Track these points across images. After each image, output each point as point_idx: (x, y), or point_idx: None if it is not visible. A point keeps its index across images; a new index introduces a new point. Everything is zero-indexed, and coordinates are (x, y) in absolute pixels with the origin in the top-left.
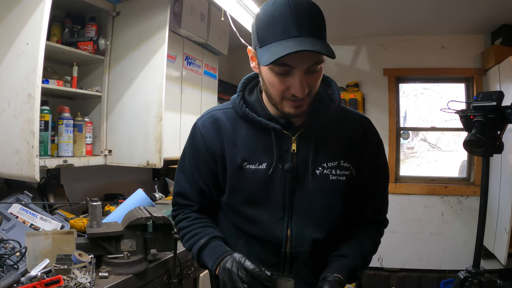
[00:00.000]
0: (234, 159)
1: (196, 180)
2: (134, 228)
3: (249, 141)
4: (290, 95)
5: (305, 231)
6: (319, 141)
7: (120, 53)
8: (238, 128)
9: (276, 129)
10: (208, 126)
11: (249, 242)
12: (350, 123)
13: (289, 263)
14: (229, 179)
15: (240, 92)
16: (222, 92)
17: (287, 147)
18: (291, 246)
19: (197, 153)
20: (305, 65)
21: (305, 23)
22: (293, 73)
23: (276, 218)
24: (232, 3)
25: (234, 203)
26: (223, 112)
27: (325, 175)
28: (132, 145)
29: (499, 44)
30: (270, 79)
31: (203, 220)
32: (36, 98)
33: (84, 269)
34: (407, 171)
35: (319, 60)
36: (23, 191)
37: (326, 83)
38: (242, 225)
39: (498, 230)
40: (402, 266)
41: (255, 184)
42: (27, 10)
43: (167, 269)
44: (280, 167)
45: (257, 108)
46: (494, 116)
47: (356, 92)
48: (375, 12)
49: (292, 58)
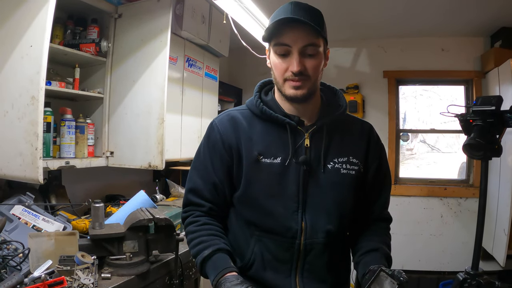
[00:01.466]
0: (250, 152)
1: (210, 175)
2: (136, 229)
3: (264, 136)
4: (290, 74)
5: (319, 223)
6: (330, 138)
7: (122, 55)
8: (254, 125)
9: (291, 125)
10: (225, 123)
11: (262, 239)
12: (356, 127)
13: (303, 256)
14: (245, 171)
15: (257, 93)
16: (222, 93)
17: (301, 142)
18: (305, 238)
19: (213, 148)
20: (299, 43)
21: (301, 11)
22: (291, 53)
23: (290, 211)
24: (234, 6)
25: (249, 196)
26: (239, 112)
27: (336, 169)
28: (134, 147)
29: (499, 47)
30: (274, 61)
31: (211, 227)
32: (40, 100)
33: (87, 270)
34: (406, 172)
35: (313, 42)
36: (25, 192)
37: (332, 93)
38: (256, 219)
39: (497, 232)
40: (402, 267)
41: (270, 177)
42: (30, 12)
43: (169, 270)
44: (294, 161)
45: (273, 107)
46: (493, 120)
47: (356, 94)
48: (376, 15)
49: (288, 37)
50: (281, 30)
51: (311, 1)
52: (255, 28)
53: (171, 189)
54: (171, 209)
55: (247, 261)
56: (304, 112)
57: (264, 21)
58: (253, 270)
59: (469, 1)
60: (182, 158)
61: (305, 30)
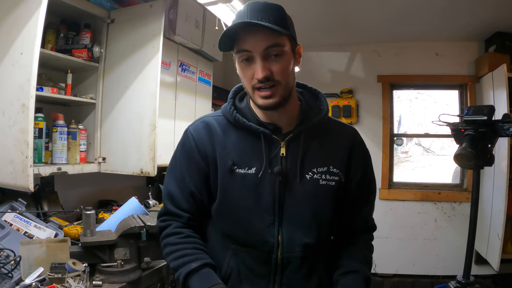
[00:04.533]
0: (225, 162)
1: (186, 184)
2: (127, 236)
3: (239, 146)
4: (256, 82)
5: (296, 236)
6: (308, 146)
7: (114, 61)
8: (229, 134)
9: (266, 134)
10: (200, 130)
11: (238, 253)
12: (338, 133)
13: (281, 271)
14: (220, 182)
15: (231, 99)
16: (216, 98)
17: (276, 152)
18: (282, 252)
19: (188, 156)
20: (259, 47)
21: (256, 13)
22: (254, 59)
23: (266, 224)
24: (227, 11)
25: (225, 207)
26: (214, 118)
27: (315, 180)
28: (126, 153)
29: (493, 52)
30: (239, 69)
31: (195, 240)
32: (30, 108)
33: (78, 278)
34: (401, 176)
35: (274, 43)
36: (17, 199)
37: (314, 96)
38: (232, 232)
39: (491, 236)
40: (396, 272)
41: (245, 188)
42: (21, 20)
43: (161, 277)
44: (269, 171)
45: (247, 114)
46: (485, 130)
47: (350, 99)
48: (370, 19)
49: (247, 42)
50: (239, 35)
51: (306, 6)
52: None
53: None
54: None
55: (223, 274)
56: (280, 119)
57: None
58: (229, 285)
59: (463, 6)
60: None
61: (264, 31)
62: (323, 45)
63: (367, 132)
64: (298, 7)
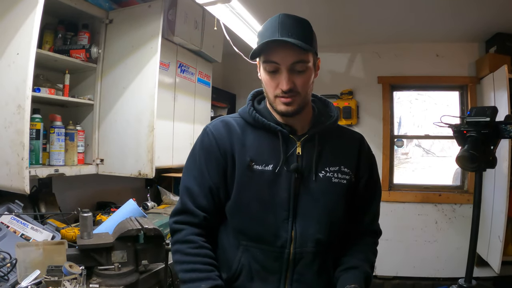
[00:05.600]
0: (243, 158)
1: (205, 180)
2: (125, 239)
3: (256, 144)
4: (280, 91)
5: (309, 232)
6: (321, 146)
7: (112, 61)
8: (247, 133)
9: (284, 133)
10: (220, 128)
11: (249, 249)
12: (347, 137)
13: (292, 266)
14: (237, 177)
15: (250, 101)
16: (215, 99)
17: (293, 150)
18: (295, 247)
19: (207, 153)
20: (287, 61)
21: (287, 28)
22: (280, 71)
23: (281, 219)
24: (226, 12)
25: (240, 202)
26: (233, 119)
27: (328, 178)
28: (124, 155)
29: (494, 53)
30: (264, 78)
31: (207, 252)
32: (26, 110)
33: (75, 281)
34: (401, 178)
35: (302, 59)
36: (14, 200)
37: (324, 104)
38: (245, 227)
39: (492, 238)
40: (396, 274)
41: (261, 183)
42: (17, 20)
43: (159, 280)
44: (285, 169)
45: (266, 115)
46: (487, 131)
47: (350, 100)
48: (370, 20)
49: (277, 55)
50: (269, 47)
51: (306, 7)
52: (247, 34)
53: (163, 196)
54: (162, 217)
55: (233, 272)
56: (296, 122)
57: (256, 27)
58: (239, 281)
59: (464, 7)
60: (174, 165)
61: (293, 47)
62: (323, 46)
63: (367, 134)
64: (298, 7)
